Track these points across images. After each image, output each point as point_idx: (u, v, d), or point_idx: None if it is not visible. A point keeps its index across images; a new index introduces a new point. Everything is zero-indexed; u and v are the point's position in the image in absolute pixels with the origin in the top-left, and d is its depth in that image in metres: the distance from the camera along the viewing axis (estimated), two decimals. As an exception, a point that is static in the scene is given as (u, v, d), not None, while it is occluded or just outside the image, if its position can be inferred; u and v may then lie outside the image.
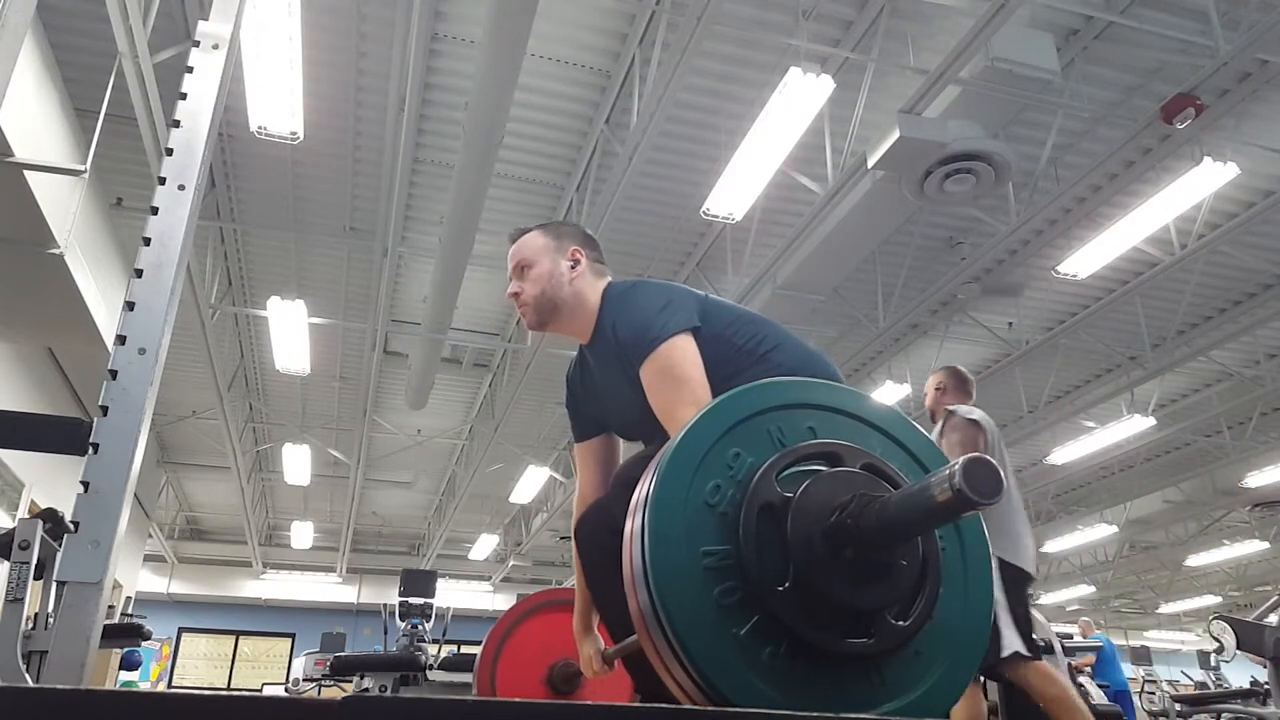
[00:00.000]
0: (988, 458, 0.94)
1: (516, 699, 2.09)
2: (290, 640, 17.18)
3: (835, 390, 1.22)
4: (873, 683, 1.07)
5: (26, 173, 4.56)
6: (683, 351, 1.75)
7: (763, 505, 1.05)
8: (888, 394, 9.32)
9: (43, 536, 1.94)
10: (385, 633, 7.32)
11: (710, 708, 1.78)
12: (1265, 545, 14.73)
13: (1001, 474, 0.93)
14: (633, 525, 1.08)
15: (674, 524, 1.04)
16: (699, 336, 1.79)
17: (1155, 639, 20.14)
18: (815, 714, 0.97)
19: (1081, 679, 6.54)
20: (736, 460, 1.09)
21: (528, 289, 2.00)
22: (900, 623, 1.06)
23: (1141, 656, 11.18)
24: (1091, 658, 7.82)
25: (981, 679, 4.02)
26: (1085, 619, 10.53)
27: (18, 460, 7.10)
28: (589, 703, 2.23)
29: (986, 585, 1.18)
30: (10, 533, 1.95)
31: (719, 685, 1.00)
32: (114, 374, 1.90)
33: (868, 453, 1.12)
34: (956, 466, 0.93)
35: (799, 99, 5.12)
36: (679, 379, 1.72)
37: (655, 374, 1.75)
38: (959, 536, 1.18)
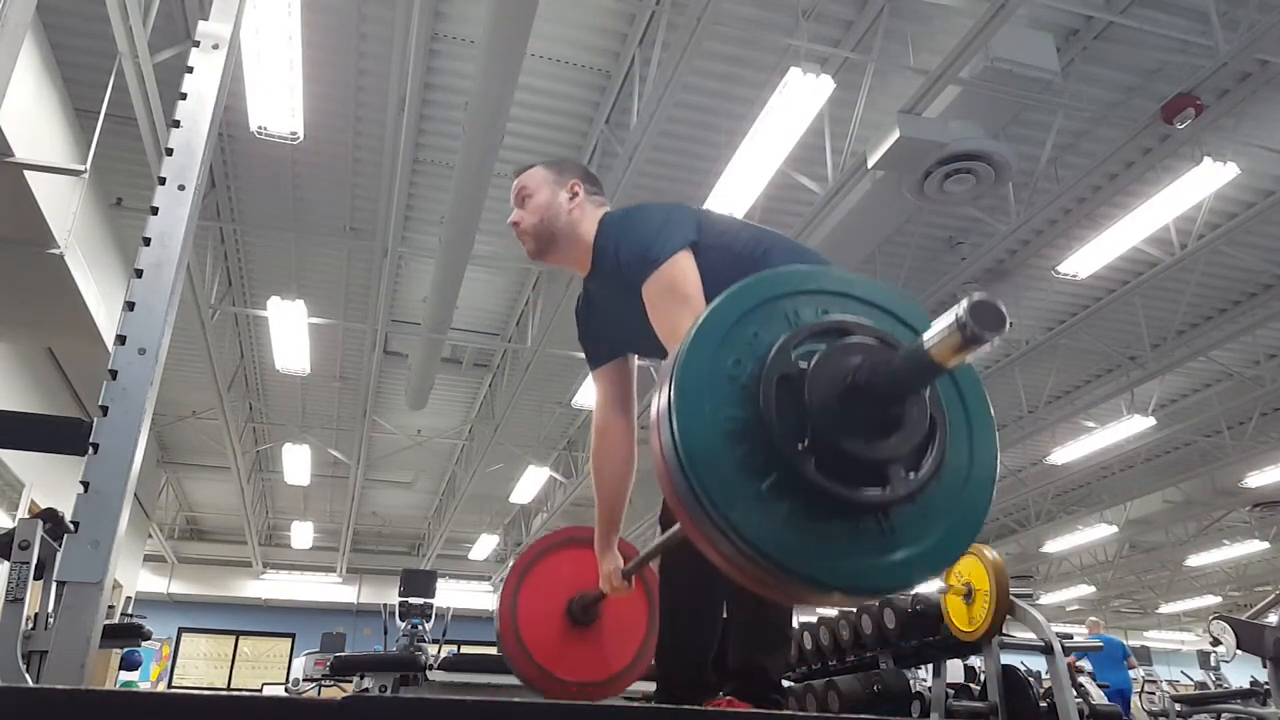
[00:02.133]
0: (991, 299, 1.01)
1: (516, 700, 2.09)
2: (290, 640, 17.18)
3: (847, 277, 1.30)
4: (884, 532, 1.13)
5: (26, 173, 4.56)
6: (683, 269, 1.81)
7: (781, 374, 1.13)
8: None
9: (43, 536, 1.95)
10: (385, 633, 7.32)
11: (711, 708, 1.78)
12: (1265, 545, 14.73)
13: (1005, 312, 1.00)
14: (660, 399, 1.16)
15: (699, 394, 1.13)
16: (697, 250, 1.85)
17: (1155, 639, 20.13)
18: (815, 714, 0.98)
19: (1082, 679, 6.55)
20: (755, 339, 1.17)
21: (526, 217, 2.10)
22: (911, 475, 1.13)
23: (1141, 656, 11.18)
24: (1076, 659, 7.80)
25: (981, 679, 4.02)
26: (1094, 619, 10.53)
27: (18, 460, 7.10)
28: (588, 703, 2.24)
29: (990, 444, 1.24)
30: (10, 533, 1.95)
31: (746, 534, 1.08)
32: (114, 374, 1.90)
33: (877, 328, 1.20)
34: (961, 304, 1.00)
35: (799, 99, 5.12)
36: (680, 297, 1.78)
37: (657, 293, 1.81)
38: (961, 400, 1.25)
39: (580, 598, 2.36)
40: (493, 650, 2.67)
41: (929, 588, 4.73)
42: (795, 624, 4.72)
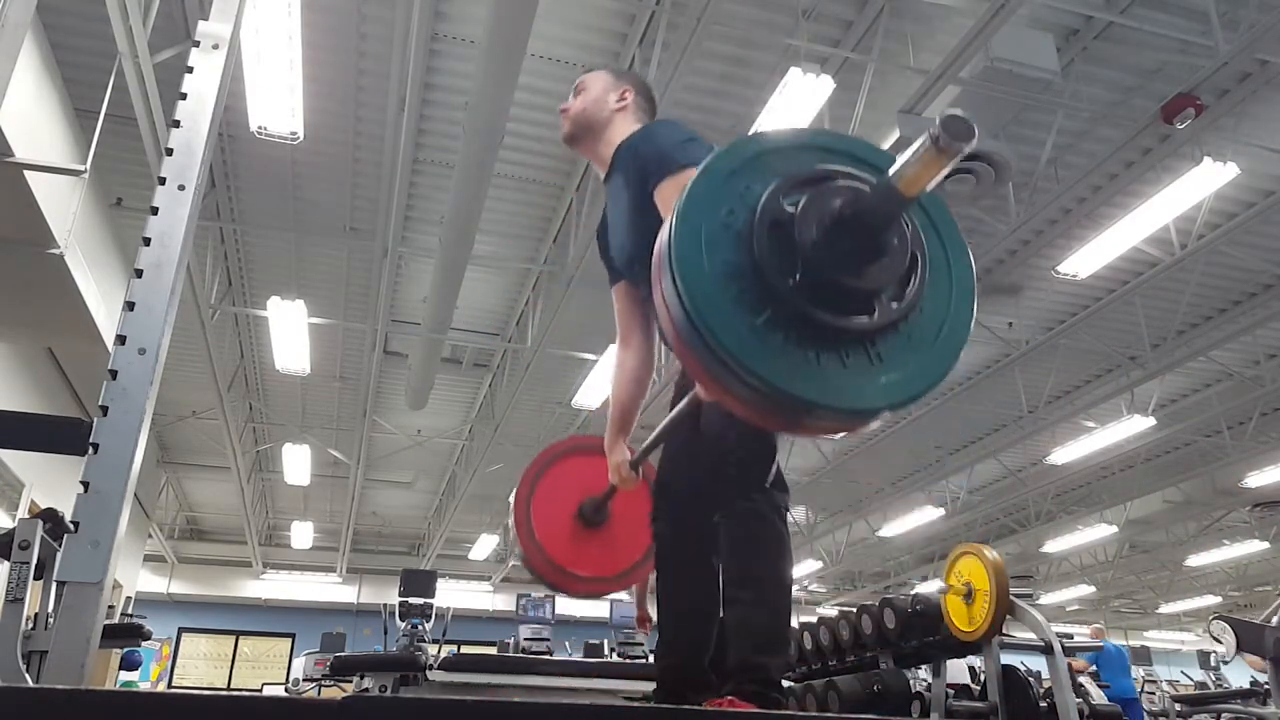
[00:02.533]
0: (959, 113, 1.06)
1: (516, 700, 2.10)
2: (290, 640, 17.16)
3: (832, 135, 1.40)
4: (871, 359, 1.24)
5: (26, 173, 4.56)
6: None
7: (772, 218, 1.23)
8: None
9: (43, 536, 1.94)
10: (385, 633, 7.31)
11: (711, 708, 1.78)
12: (1265, 545, 14.72)
13: (974, 126, 1.05)
14: (660, 246, 1.26)
15: (697, 240, 1.23)
16: None
17: (1155, 639, 20.12)
18: (815, 714, 0.98)
19: (1082, 679, 6.54)
20: (747, 190, 1.26)
21: (575, 104, 2.24)
22: (895, 304, 1.23)
23: (1141, 656, 11.18)
24: (1084, 662, 7.79)
25: (981, 679, 4.02)
26: (1097, 625, 10.51)
27: (18, 460, 7.10)
28: (588, 703, 2.26)
29: (968, 276, 1.35)
30: (10, 533, 1.95)
31: (745, 361, 1.18)
32: (114, 374, 1.90)
33: (859, 173, 1.28)
34: (934, 121, 1.06)
35: (799, 99, 5.12)
36: None
37: (673, 193, 1.86)
38: (939, 237, 1.35)
39: (590, 500, 2.49)
40: (492, 650, 2.72)
41: (929, 588, 4.71)
42: (796, 624, 4.72)
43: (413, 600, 7.25)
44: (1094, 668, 7.82)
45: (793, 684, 4.43)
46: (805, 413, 1.22)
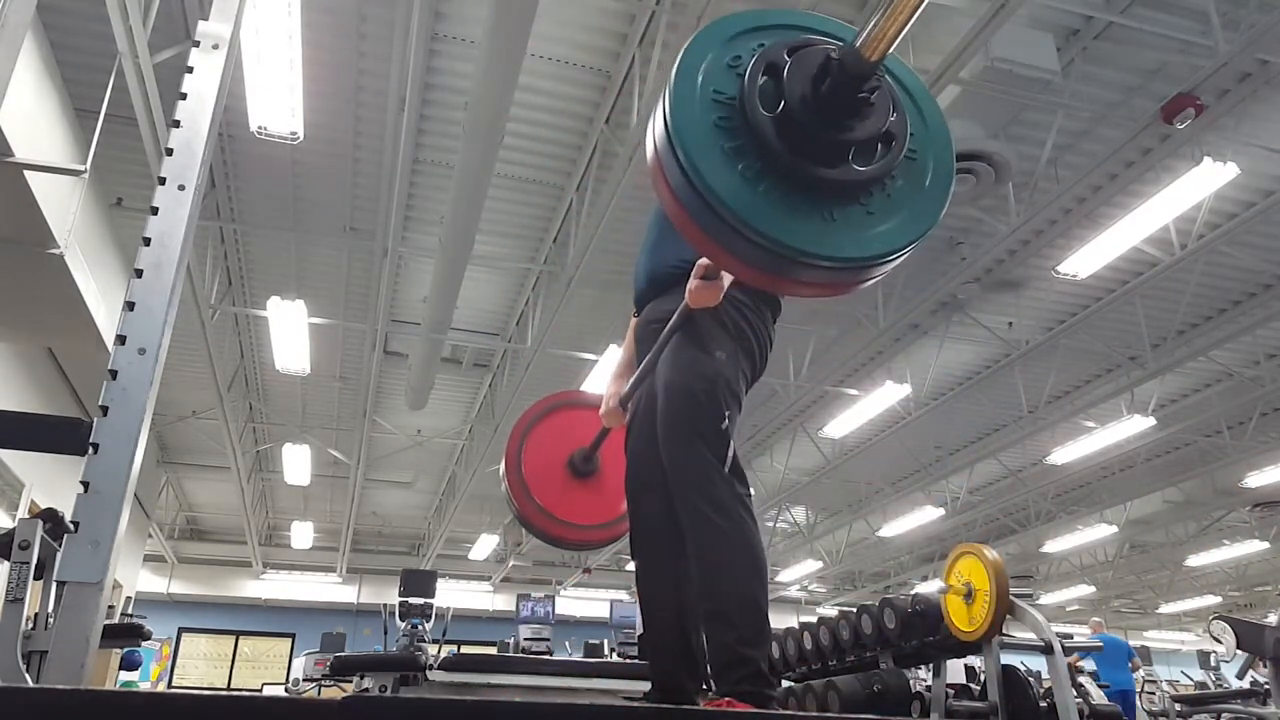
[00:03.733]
0: None
1: (516, 700, 2.10)
2: (290, 640, 17.17)
3: (847, 27, 1.47)
4: (861, 211, 1.34)
5: (26, 173, 4.56)
6: None
7: (769, 63, 1.32)
8: (888, 394, 9.32)
9: (43, 536, 1.94)
10: (385, 633, 7.32)
11: (710, 708, 1.78)
12: (1265, 545, 14.72)
13: None
14: (660, 108, 1.34)
15: (696, 71, 1.33)
16: None
17: (1155, 639, 20.14)
18: (815, 714, 0.98)
19: (1082, 679, 6.54)
20: (759, 47, 1.37)
21: None
22: (873, 164, 1.32)
23: (1141, 656, 11.18)
24: (1079, 659, 7.80)
25: (981, 679, 4.02)
26: (1096, 619, 10.52)
27: (18, 460, 7.10)
28: (587, 703, 2.26)
29: (945, 140, 1.45)
30: (10, 533, 1.94)
31: (721, 194, 1.26)
32: (114, 374, 1.91)
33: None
34: None
35: (799, 99, 5.11)
36: None
37: None
38: (913, 100, 1.46)
39: (580, 450, 2.56)
40: (492, 650, 2.75)
41: (929, 588, 4.71)
42: (796, 624, 4.72)
43: (413, 600, 7.25)
44: (1092, 665, 7.84)
45: (793, 684, 4.43)
46: (796, 263, 1.29)
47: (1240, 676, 5.66)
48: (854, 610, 4.24)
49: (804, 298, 1.46)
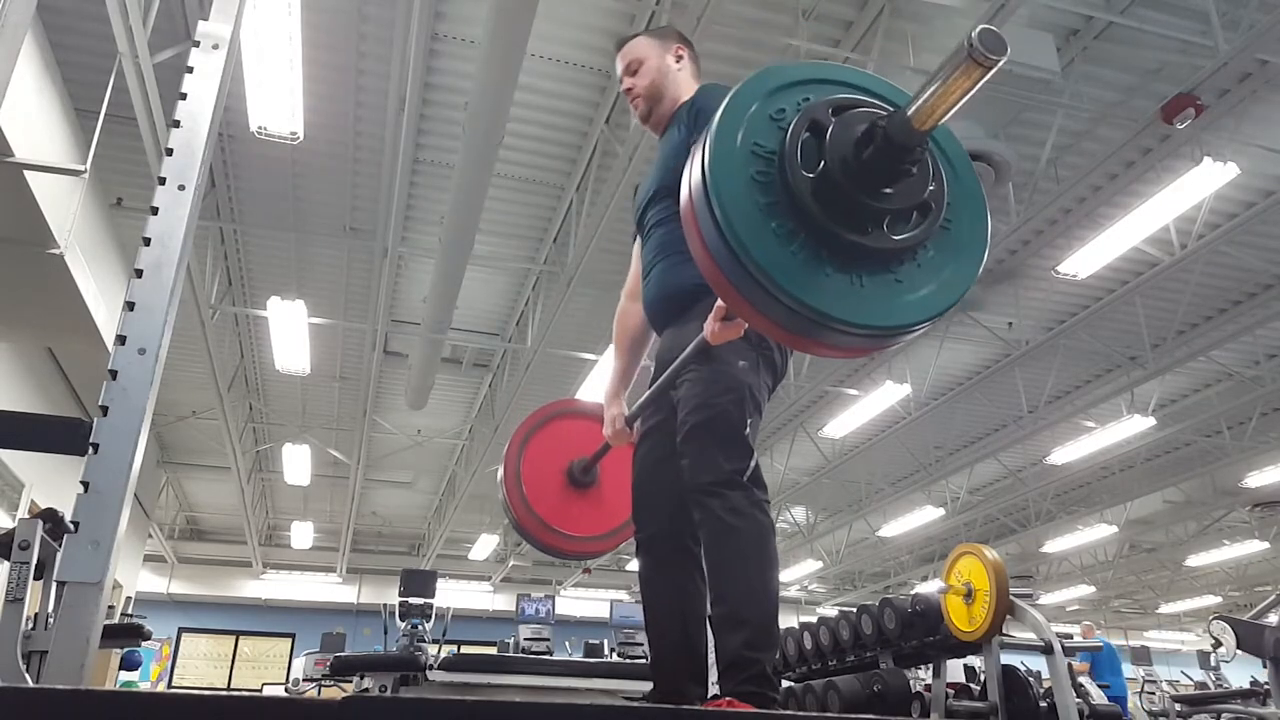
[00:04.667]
0: (993, 29, 1.10)
1: (515, 699, 2.10)
2: (290, 640, 17.17)
3: (894, 88, 1.45)
4: (890, 279, 1.31)
5: (26, 173, 4.57)
6: None
7: (813, 120, 1.29)
8: (888, 394, 9.33)
9: (43, 536, 1.94)
10: (385, 633, 7.31)
11: (710, 708, 1.78)
12: (1265, 545, 14.73)
13: (1005, 40, 1.11)
14: (705, 133, 1.32)
15: (738, 123, 1.31)
16: None
17: (1155, 639, 20.13)
18: (815, 714, 0.98)
19: (1081, 679, 6.54)
20: (803, 101, 1.35)
21: (639, 82, 2.23)
22: (910, 231, 1.30)
23: (1141, 656, 11.18)
24: (1084, 664, 7.80)
25: (981, 679, 4.02)
26: (1087, 622, 10.52)
27: (18, 460, 7.10)
28: (587, 703, 2.26)
29: (982, 213, 1.42)
30: (10, 533, 1.94)
31: (752, 252, 1.24)
32: (114, 374, 1.90)
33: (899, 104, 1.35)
34: (971, 33, 1.10)
35: (799, 99, 5.11)
36: None
37: None
38: (956, 176, 1.41)
39: (579, 460, 2.53)
40: (492, 650, 2.75)
41: (929, 588, 4.72)
42: (796, 624, 4.72)
43: (413, 600, 7.25)
44: (1087, 667, 7.84)
45: (793, 684, 4.43)
46: (823, 327, 1.27)
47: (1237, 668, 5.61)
48: (854, 610, 4.24)
49: (824, 357, 1.46)
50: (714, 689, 2.02)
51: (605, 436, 2.33)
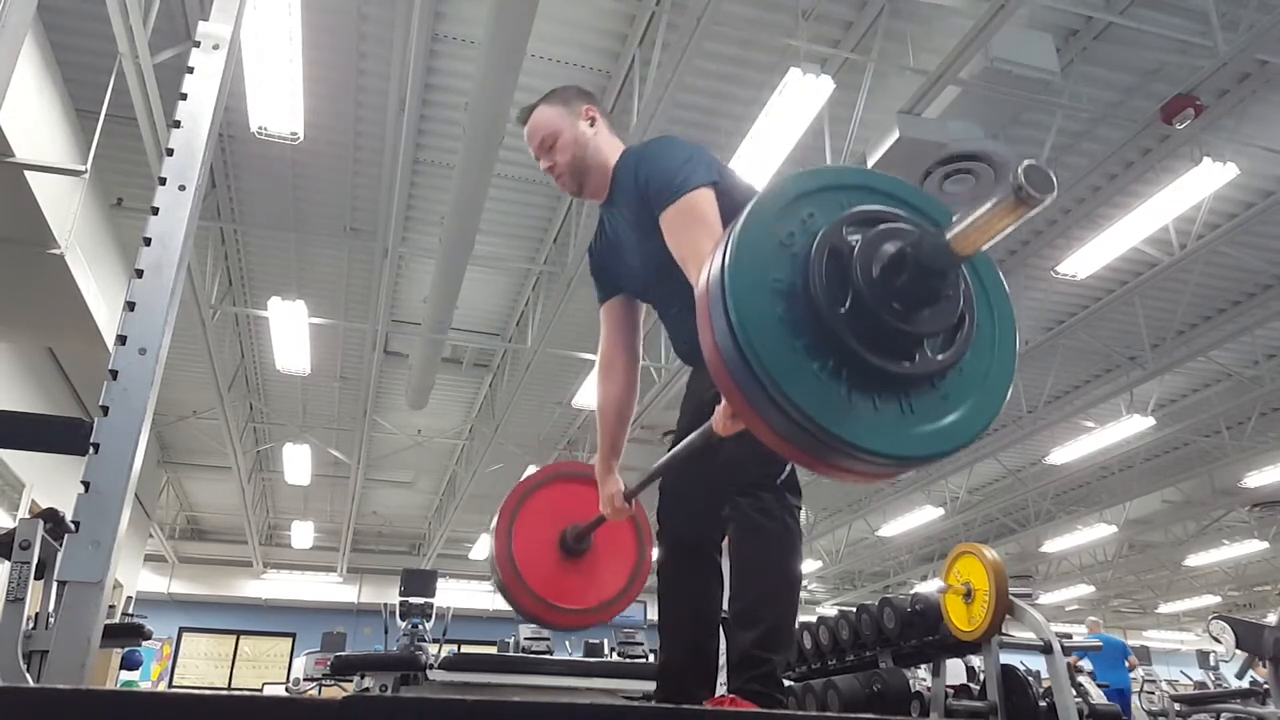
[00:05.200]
0: (1042, 165, 1.06)
1: (516, 699, 2.10)
2: (291, 640, 17.17)
3: (896, 181, 1.40)
4: (902, 410, 1.22)
5: (27, 173, 4.57)
6: (707, 200, 1.86)
7: (831, 246, 1.22)
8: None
9: (43, 536, 1.94)
10: (385, 632, 7.32)
11: (711, 708, 1.78)
12: (1264, 545, 14.73)
13: (1054, 178, 1.06)
14: (714, 259, 1.25)
15: (753, 254, 1.22)
16: (718, 191, 1.89)
17: (1154, 639, 20.13)
18: (815, 714, 0.98)
19: (1081, 679, 6.55)
20: (810, 218, 1.27)
21: (559, 159, 2.10)
22: (940, 354, 1.23)
23: (1141, 656, 11.18)
24: (1078, 659, 7.80)
25: (980, 679, 4.02)
26: (1093, 619, 10.52)
27: (18, 460, 7.10)
28: (590, 703, 2.25)
29: (1011, 336, 1.34)
30: (11, 533, 1.95)
31: (782, 383, 1.16)
32: (114, 374, 1.91)
33: (923, 222, 1.29)
34: (1019, 168, 1.07)
35: (799, 99, 5.12)
36: (704, 222, 1.82)
37: (679, 216, 1.85)
38: (985, 292, 1.35)
39: (573, 529, 2.42)
40: (493, 650, 2.70)
41: (928, 588, 4.73)
42: (796, 624, 4.72)
43: (413, 600, 7.26)
44: (1089, 665, 7.85)
45: (793, 684, 4.43)
46: (837, 451, 1.19)
47: (1240, 676, 5.66)
48: (854, 610, 4.24)
49: (837, 480, 1.37)
50: (721, 689, 2.02)
51: (602, 512, 2.23)
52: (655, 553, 2.22)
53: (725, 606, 2.05)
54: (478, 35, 5.22)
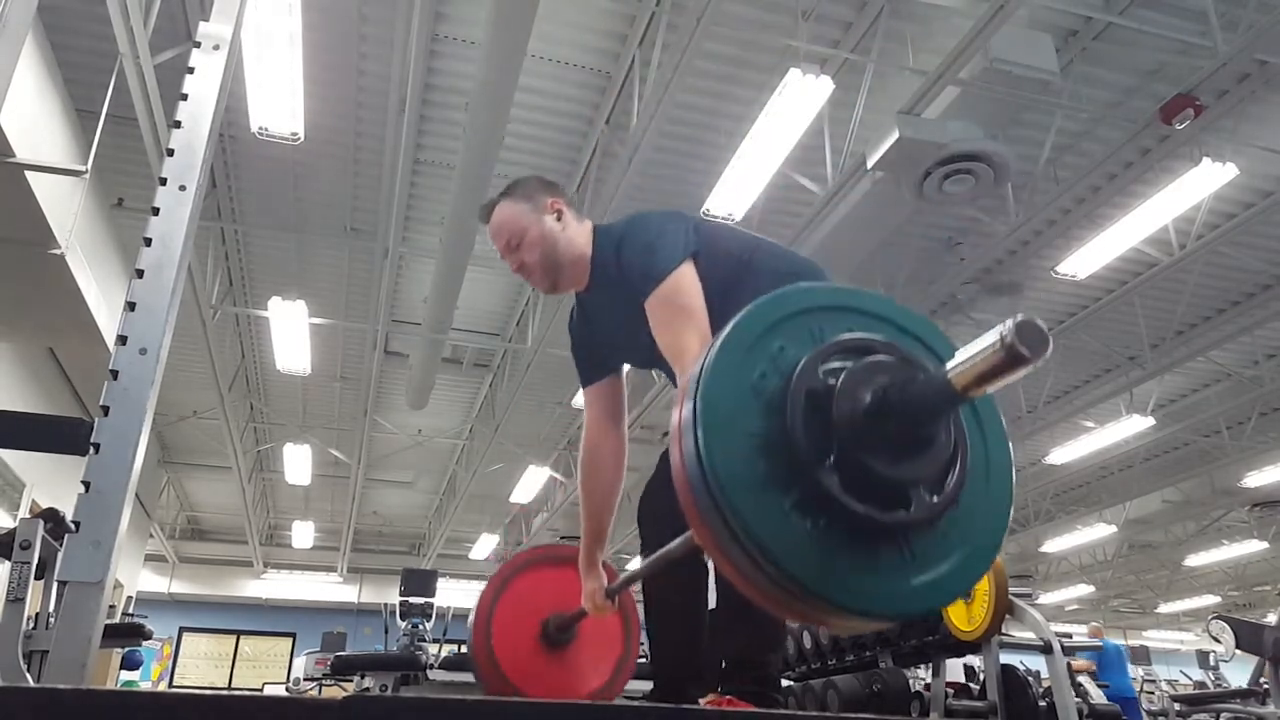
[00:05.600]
0: (1036, 320, 0.96)
1: (517, 699, 2.09)
2: (291, 640, 17.17)
3: (871, 296, 1.29)
4: (905, 555, 1.12)
5: (27, 173, 4.57)
6: (686, 282, 1.82)
7: (808, 390, 1.10)
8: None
9: (44, 536, 1.95)
10: (386, 632, 7.33)
11: (710, 708, 1.78)
12: (1264, 545, 14.72)
13: (1049, 334, 0.96)
14: (683, 410, 1.13)
15: (724, 406, 1.10)
16: (696, 259, 1.86)
17: (1154, 639, 20.13)
18: (815, 714, 0.98)
19: (1081, 679, 6.55)
20: (781, 353, 1.15)
21: (529, 258, 2.01)
22: (933, 498, 1.11)
23: (1141, 656, 11.18)
24: (1089, 663, 7.79)
25: (980, 679, 4.02)
26: (1095, 624, 10.51)
27: (19, 460, 7.11)
28: (590, 702, 2.23)
29: (1007, 472, 1.25)
30: (11, 533, 1.95)
31: (773, 553, 1.06)
32: (115, 374, 1.91)
33: (904, 348, 1.18)
34: (1009, 324, 0.97)
35: (799, 100, 5.12)
36: (684, 312, 1.78)
37: (661, 308, 1.82)
38: (980, 426, 1.25)
39: (556, 617, 2.30)
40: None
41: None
42: (796, 623, 4.73)
43: (413, 599, 7.27)
44: (1094, 666, 7.85)
45: (792, 684, 4.44)
46: (829, 612, 1.11)
47: (1253, 683, 5.64)
48: (853, 610, 4.23)
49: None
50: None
51: (584, 608, 2.15)
52: (638, 560, 2.19)
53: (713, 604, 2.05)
54: (478, 35, 5.22)
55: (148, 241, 2.07)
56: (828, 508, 1.08)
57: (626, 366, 2.29)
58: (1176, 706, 7.02)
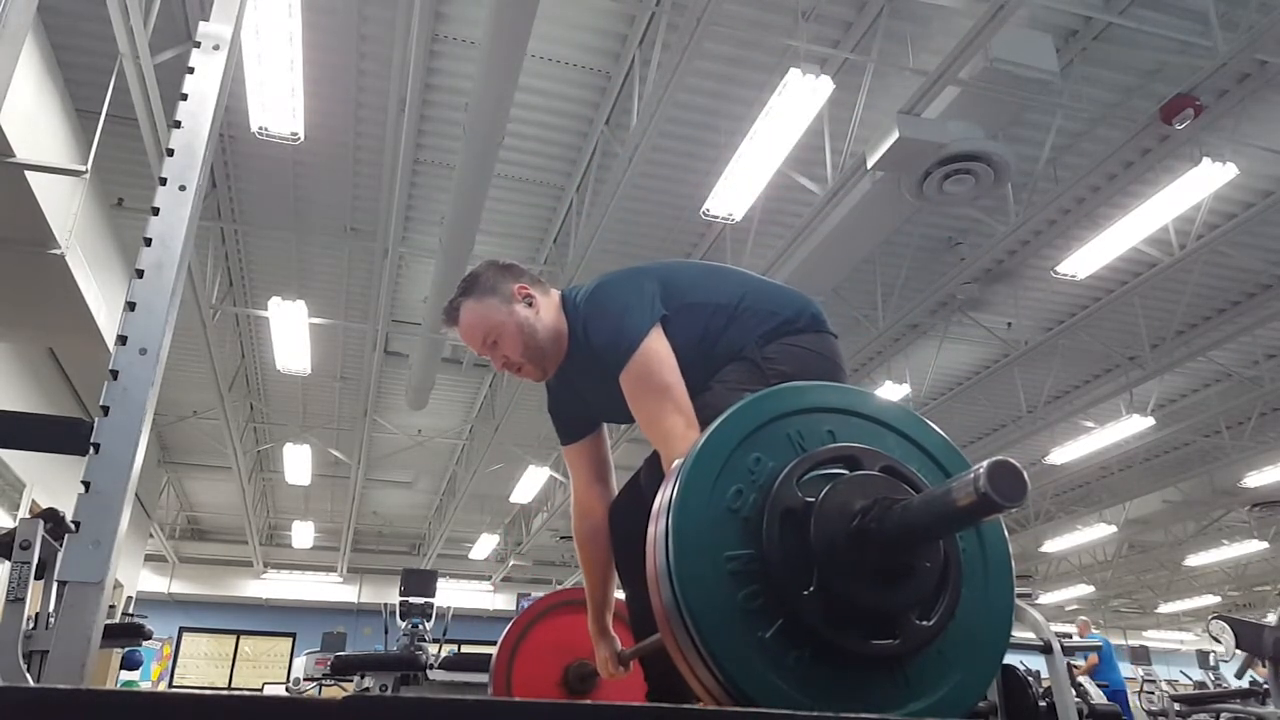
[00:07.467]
0: (1012, 462, 0.91)
1: (518, 699, 2.09)
2: (291, 640, 17.18)
3: (852, 393, 1.23)
4: (897, 683, 1.07)
5: (27, 173, 4.57)
6: (656, 356, 1.76)
7: (785, 510, 1.05)
8: (887, 394, 9.32)
9: (44, 536, 1.95)
10: (386, 632, 7.32)
11: (715, 707, 1.78)
12: (1264, 545, 14.73)
13: (1026, 478, 0.91)
14: (656, 529, 1.09)
15: (698, 528, 1.05)
16: (668, 323, 1.80)
17: (1154, 639, 20.13)
18: (820, 714, 0.97)
19: (1080, 679, 6.55)
20: (758, 465, 1.09)
21: (511, 353, 1.95)
22: (924, 623, 1.06)
23: (1140, 656, 11.18)
24: (1094, 658, 7.82)
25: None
26: (1083, 618, 10.52)
27: (19, 460, 7.10)
28: (593, 702, 2.23)
29: (1007, 585, 1.19)
30: (11, 533, 1.95)
31: (745, 688, 1.01)
32: (115, 374, 1.91)
33: (886, 455, 1.13)
34: (981, 470, 0.92)
35: (799, 99, 5.12)
36: (658, 388, 1.72)
37: (634, 383, 1.77)
38: (978, 536, 1.19)
39: (578, 666, 2.26)
40: (493, 649, 2.67)
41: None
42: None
43: (413, 600, 7.26)
44: (1095, 660, 7.87)
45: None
46: None
47: (1239, 676, 5.66)
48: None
49: None
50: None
51: (600, 673, 2.09)
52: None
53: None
54: (478, 35, 5.22)
55: (148, 241, 2.06)
56: (810, 639, 1.02)
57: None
58: (1176, 706, 7.01)
